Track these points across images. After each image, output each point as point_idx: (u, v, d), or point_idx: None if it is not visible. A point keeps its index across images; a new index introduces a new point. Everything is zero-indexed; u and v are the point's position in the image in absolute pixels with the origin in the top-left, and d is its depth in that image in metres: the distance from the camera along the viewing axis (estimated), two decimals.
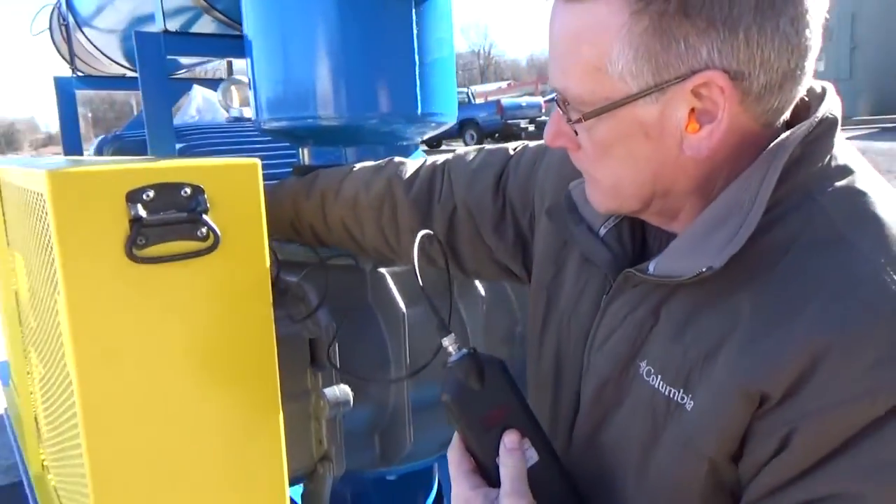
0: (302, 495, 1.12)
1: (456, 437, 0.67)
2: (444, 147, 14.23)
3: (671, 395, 0.61)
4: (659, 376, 0.62)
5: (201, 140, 1.91)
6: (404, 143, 1.28)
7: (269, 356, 0.91)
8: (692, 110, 0.57)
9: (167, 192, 0.81)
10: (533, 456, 0.65)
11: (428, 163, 1.06)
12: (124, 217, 0.78)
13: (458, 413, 0.64)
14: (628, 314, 0.67)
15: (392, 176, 1.04)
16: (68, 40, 2.89)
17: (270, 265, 1.14)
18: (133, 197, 0.79)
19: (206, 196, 0.83)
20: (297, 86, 1.18)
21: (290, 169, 1.36)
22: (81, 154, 2.94)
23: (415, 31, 1.16)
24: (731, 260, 0.56)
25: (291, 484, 1.00)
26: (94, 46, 2.80)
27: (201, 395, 0.86)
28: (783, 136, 0.59)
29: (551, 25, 0.62)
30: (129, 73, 2.80)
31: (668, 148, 0.60)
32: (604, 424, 0.69)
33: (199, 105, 2.76)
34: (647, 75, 0.56)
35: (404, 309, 1.12)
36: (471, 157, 1.00)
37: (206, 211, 0.83)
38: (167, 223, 0.81)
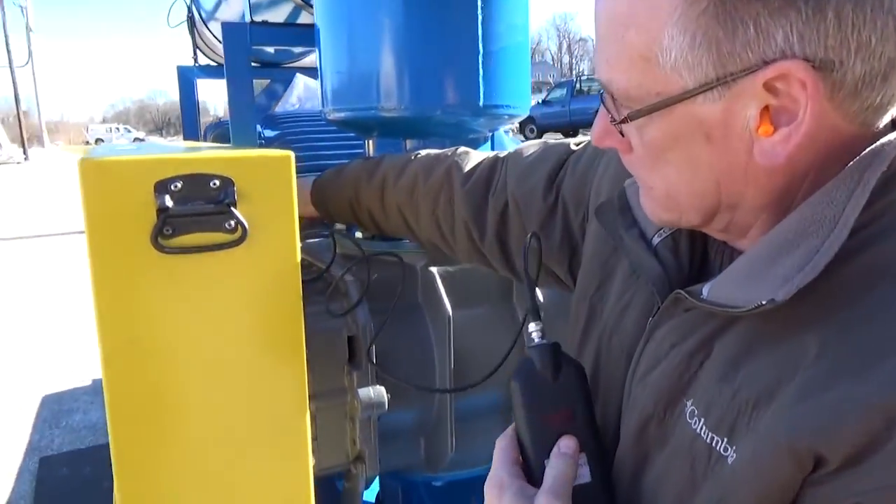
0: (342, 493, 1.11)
1: (510, 428, 0.63)
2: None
3: (714, 444, 0.51)
4: (702, 419, 0.53)
5: (296, 128, 1.95)
6: (472, 137, 1.22)
7: (297, 352, 0.90)
8: (765, 108, 0.47)
9: (195, 183, 0.80)
10: (585, 475, 0.60)
11: (493, 154, 1.00)
12: (152, 207, 0.79)
13: (520, 399, 0.60)
14: (676, 344, 0.58)
15: (452, 165, 1.00)
16: (192, 32, 3.08)
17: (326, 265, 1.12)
18: (161, 187, 0.79)
19: (235, 188, 0.82)
20: (359, 76, 1.15)
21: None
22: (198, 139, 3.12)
23: (479, 17, 1.09)
24: (801, 291, 0.46)
25: (321, 480, 0.99)
26: (216, 38, 2.97)
27: (226, 388, 0.86)
28: (884, 139, 0.48)
29: (596, 6, 0.54)
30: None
31: (734, 153, 0.50)
32: (646, 465, 0.60)
33: (299, 93, 2.83)
34: (706, 67, 0.47)
35: (450, 311, 1.07)
36: (530, 150, 0.93)
37: (234, 203, 0.82)
38: (194, 214, 0.80)
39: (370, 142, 1.27)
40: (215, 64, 3.27)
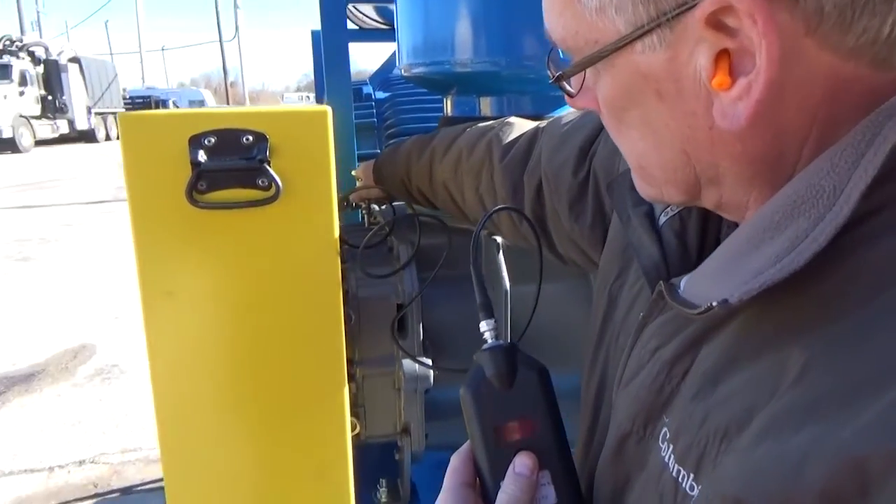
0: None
1: (467, 443, 0.55)
2: None
3: (680, 479, 0.41)
4: (671, 446, 0.43)
5: (405, 90, 1.92)
6: (554, 95, 1.11)
7: (334, 314, 0.87)
8: (723, 54, 0.37)
9: (229, 138, 0.79)
10: (550, 496, 0.51)
11: (536, 124, 0.90)
12: (187, 161, 0.78)
13: (470, 412, 0.52)
14: (659, 347, 0.48)
15: (493, 138, 0.91)
16: None
17: (383, 222, 1.09)
18: (195, 142, 0.78)
19: (268, 144, 0.80)
20: (434, 29, 1.09)
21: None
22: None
23: None
24: (796, 287, 0.36)
25: (360, 447, 0.96)
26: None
27: (261, 347, 0.85)
28: None
29: None
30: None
31: (692, 115, 0.40)
32: (626, 489, 0.50)
33: None
34: (638, 6, 0.38)
35: (508, 285, 0.99)
36: (569, 118, 0.82)
37: (267, 159, 0.80)
38: (227, 170, 0.79)
39: (448, 101, 1.21)
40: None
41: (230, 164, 0.79)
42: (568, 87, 0.48)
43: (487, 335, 0.55)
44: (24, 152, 16.56)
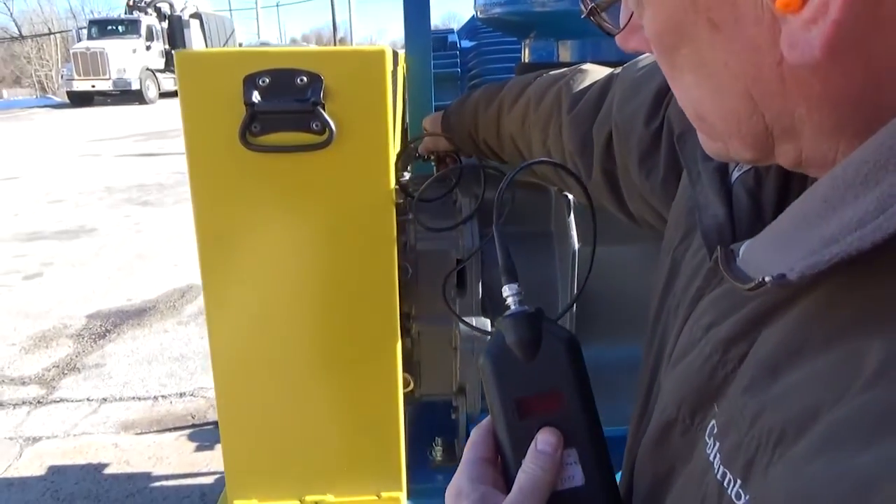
0: None
1: (488, 417, 0.51)
2: None
3: (726, 484, 0.35)
4: (717, 444, 0.36)
5: (492, 38, 1.83)
6: None
7: (387, 265, 0.84)
8: None
9: (283, 78, 0.76)
10: (577, 476, 0.47)
11: (616, 71, 0.81)
12: (241, 102, 0.77)
13: (490, 382, 0.49)
14: (713, 324, 0.40)
15: (563, 87, 0.83)
16: None
17: (442, 172, 1.04)
18: (249, 82, 0.76)
19: (323, 85, 0.76)
20: None
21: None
22: None
23: None
24: (880, 266, 0.28)
25: (416, 404, 0.94)
26: None
27: (311, 294, 0.84)
28: None
29: None
30: None
31: (754, 47, 0.32)
32: (668, 481, 0.44)
33: None
34: None
35: (576, 245, 0.91)
36: (644, 62, 0.72)
37: (320, 102, 0.76)
38: (280, 112, 0.77)
39: (526, 46, 1.13)
40: None
41: (283, 105, 0.76)
42: (606, 23, 0.41)
43: (510, 301, 0.50)
44: (150, 104, 17.70)
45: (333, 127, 0.77)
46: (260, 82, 0.76)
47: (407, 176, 1.07)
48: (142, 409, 3.03)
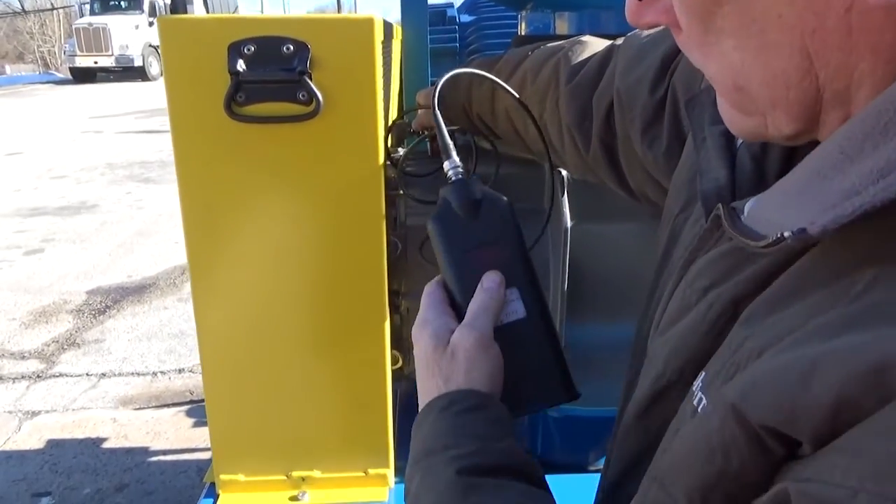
0: None
1: (439, 275, 0.60)
2: None
3: (700, 407, 0.35)
4: (704, 374, 0.36)
5: (491, 12, 1.79)
6: None
7: (375, 239, 0.82)
8: None
9: (269, 46, 0.74)
10: (519, 310, 0.56)
11: (617, 41, 0.78)
12: (226, 71, 0.75)
13: (439, 242, 0.57)
14: (711, 286, 0.39)
15: (561, 59, 0.80)
16: None
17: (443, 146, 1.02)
18: (234, 50, 0.74)
19: (310, 54, 0.74)
20: None
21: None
22: None
23: None
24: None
25: (405, 381, 0.93)
26: None
27: (298, 268, 0.83)
28: None
29: None
30: None
31: None
32: (659, 439, 0.43)
33: None
34: None
35: (569, 223, 0.90)
36: (649, 31, 0.70)
37: (307, 72, 0.74)
38: (266, 81, 0.75)
39: (522, 18, 1.10)
40: None
41: (269, 74, 0.74)
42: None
43: (451, 173, 0.58)
44: (153, 80, 17.60)
45: (321, 97, 0.75)
46: (245, 50, 0.74)
47: (401, 151, 1.05)
48: (140, 384, 3.04)
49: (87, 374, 3.15)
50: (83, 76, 18.08)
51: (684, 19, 0.37)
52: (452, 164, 0.59)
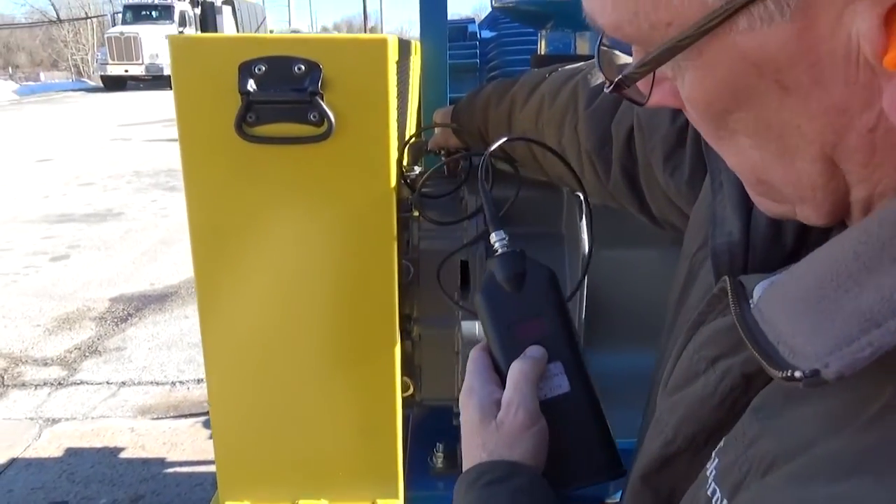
0: None
1: (484, 341, 0.61)
2: None
3: (714, 499, 0.33)
4: (717, 460, 0.35)
5: (512, 28, 1.76)
6: None
7: (386, 263, 0.80)
8: (893, 12, 0.24)
9: (280, 66, 0.73)
10: (563, 385, 0.56)
11: None
12: (237, 90, 0.73)
13: (484, 313, 0.58)
14: (720, 357, 0.38)
15: (580, 82, 0.78)
16: None
17: (450, 160, 1.00)
18: (245, 69, 0.73)
19: (322, 74, 0.72)
20: None
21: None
22: None
23: None
24: None
25: (416, 408, 0.90)
26: None
27: (309, 292, 0.80)
28: None
29: None
30: None
31: (840, 110, 0.28)
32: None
33: None
34: None
35: (587, 248, 0.86)
36: None
37: (318, 92, 0.73)
38: (277, 102, 0.73)
39: (542, 37, 1.07)
40: None
41: (280, 95, 0.73)
42: (634, 95, 0.36)
43: (498, 245, 0.59)
44: None
45: (332, 118, 0.73)
46: (256, 70, 0.73)
47: (417, 170, 1.03)
48: (159, 394, 3.05)
49: (108, 383, 3.17)
50: (114, 84, 18.44)
51: (693, 115, 0.35)
52: (500, 237, 0.60)
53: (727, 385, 0.36)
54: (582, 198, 0.90)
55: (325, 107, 0.73)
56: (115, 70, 18.05)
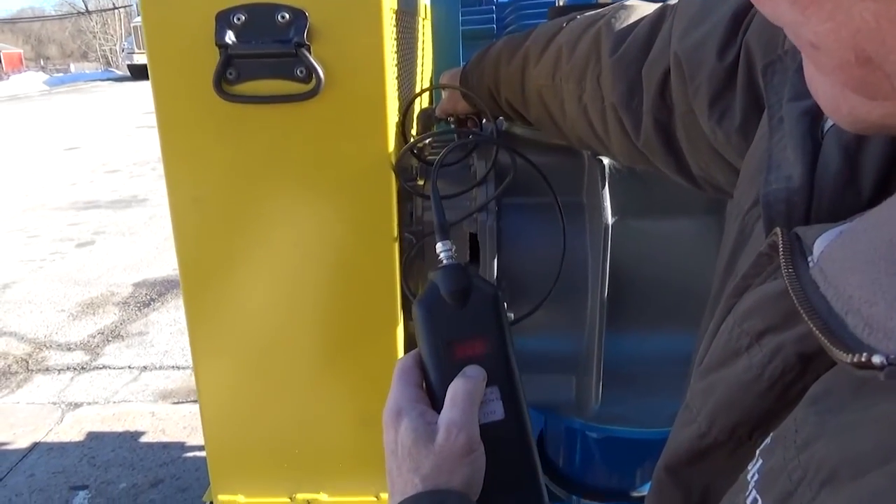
0: None
1: (416, 350, 0.56)
2: None
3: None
4: (761, 461, 0.27)
5: None
6: None
7: (384, 235, 0.72)
8: None
9: (261, 15, 0.65)
10: (497, 411, 0.53)
11: (664, 4, 0.65)
12: (214, 44, 0.66)
13: (423, 326, 0.54)
14: (768, 331, 0.30)
15: (602, 28, 0.68)
16: None
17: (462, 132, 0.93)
18: (223, 19, 0.65)
19: (308, 23, 0.65)
20: None
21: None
22: None
23: None
24: None
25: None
26: None
27: (300, 269, 0.73)
28: None
29: None
30: None
31: None
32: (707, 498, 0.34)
33: None
34: None
35: (610, 220, 0.78)
36: None
37: (305, 44, 0.65)
38: (259, 55, 0.66)
39: None
40: None
41: (262, 47, 0.65)
42: None
43: (443, 255, 0.56)
44: None
45: (321, 73, 0.65)
46: (234, 20, 0.65)
47: (427, 142, 0.95)
48: (180, 378, 3.04)
49: (129, 367, 3.17)
50: (140, 73, 18.62)
51: None
52: (445, 247, 0.56)
53: (777, 367, 0.28)
54: (605, 162, 0.81)
55: (312, 60, 0.65)
56: (141, 59, 18.22)
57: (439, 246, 0.57)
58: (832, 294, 0.24)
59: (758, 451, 0.27)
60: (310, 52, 0.65)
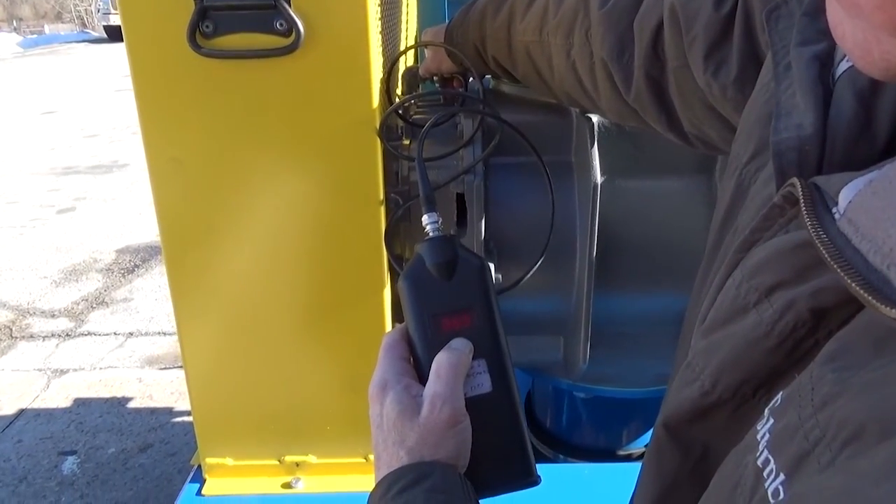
0: None
1: (403, 324, 0.56)
2: None
3: (766, 472, 0.25)
4: (772, 420, 0.26)
5: None
6: None
7: (369, 195, 0.71)
8: None
9: None
10: (485, 384, 0.52)
11: None
12: None
13: (409, 299, 0.53)
14: (778, 286, 0.29)
15: None
16: None
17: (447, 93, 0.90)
18: None
19: None
20: None
21: None
22: None
23: None
24: None
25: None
26: None
27: (284, 230, 0.72)
28: None
29: None
30: None
31: None
32: (705, 462, 0.34)
33: None
34: None
35: (599, 178, 0.76)
36: None
37: None
38: (236, 7, 0.63)
39: None
40: None
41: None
42: None
43: (429, 228, 0.55)
44: None
45: (301, 27, 0.63)
46: None
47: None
48: (166, 344, 3.02)
49: (115, 333, 3.15)
50: (117, 35, 18.11)
51: None
52: (432, 219, 0.55)
53: (788, 323, 0.28)
54: (594, 120, 0.79)
55: (291, 13, 0.63)
56: (117, 19, 17.73)
57: (425, 218, 0.55)
58: (867, 247, 0.23)
59: (767, 410, 0.27)
60: (289, 5, 0.63)
